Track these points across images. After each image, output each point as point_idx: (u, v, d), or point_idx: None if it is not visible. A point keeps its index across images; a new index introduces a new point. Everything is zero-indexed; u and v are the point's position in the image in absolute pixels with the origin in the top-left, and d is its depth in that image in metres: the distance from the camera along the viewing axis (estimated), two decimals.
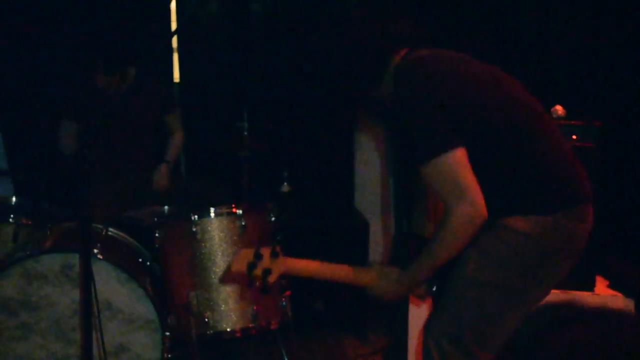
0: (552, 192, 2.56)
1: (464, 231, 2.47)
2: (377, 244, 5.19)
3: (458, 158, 2.45)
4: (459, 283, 2.64)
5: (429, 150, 2.46)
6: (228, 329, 3.54)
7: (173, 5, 5.03)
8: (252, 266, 2.62)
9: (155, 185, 4.54)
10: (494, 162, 2.53)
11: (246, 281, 2.67)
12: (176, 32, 4.68)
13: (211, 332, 3.53)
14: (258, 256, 2.62)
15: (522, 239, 2.54)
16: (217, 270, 3.55)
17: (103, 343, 3.06)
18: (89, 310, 2.68)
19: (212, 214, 3.60)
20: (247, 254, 2.63)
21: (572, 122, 3.68)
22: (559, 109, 3.74)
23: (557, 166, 2.59)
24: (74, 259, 3.45)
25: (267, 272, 2.62)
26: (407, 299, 3.76)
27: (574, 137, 3.63)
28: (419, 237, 3.66)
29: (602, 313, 2.03)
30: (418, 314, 3.77)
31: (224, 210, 3.62)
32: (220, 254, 3.57)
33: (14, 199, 4.31)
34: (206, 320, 3.51)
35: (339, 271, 2.73)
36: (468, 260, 2.60)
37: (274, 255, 2.63)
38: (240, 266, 2.63)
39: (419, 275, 2.66)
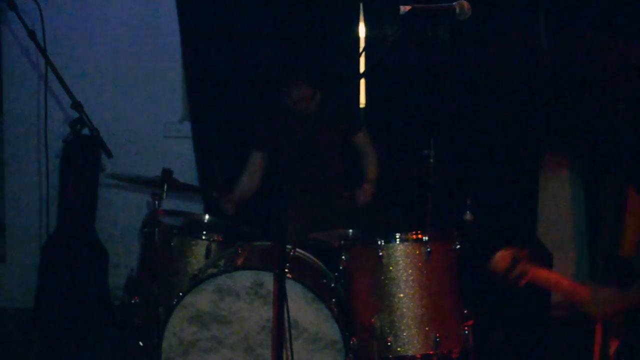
0: None
1: None
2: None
3: None
4: None
5: None
6: (409, 354, 3.56)
7: (362, 32, 5.13)
8: (512, 267, 2.87)
9: (357, 202, 4.69)
10: None
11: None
12: (364, 75, 4.78)
13: (393, 356, 3.56)
14: (517, 259, 2.87)
15: None
16: (402, 295, 3.57)
17: None
18: (281, 328, 2.77)
19: (398, 239, 3.64)
20: (507, 254, 2.90)
21: None
22: None
23: None
24: (264, 277, 3.58)
25: (523, 274, 2.86)
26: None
27: None
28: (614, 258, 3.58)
29: None
30: None
31: (410, 236, 3.65)
32: (404, 279, 3.59)
33: (206, 216, 4.53)
34: (389, 344, 3.54)
35: (564, 284, 2.84)
36: None
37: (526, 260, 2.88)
38: (501, 265, 2.89)
39: (636, 299, 2.61)
